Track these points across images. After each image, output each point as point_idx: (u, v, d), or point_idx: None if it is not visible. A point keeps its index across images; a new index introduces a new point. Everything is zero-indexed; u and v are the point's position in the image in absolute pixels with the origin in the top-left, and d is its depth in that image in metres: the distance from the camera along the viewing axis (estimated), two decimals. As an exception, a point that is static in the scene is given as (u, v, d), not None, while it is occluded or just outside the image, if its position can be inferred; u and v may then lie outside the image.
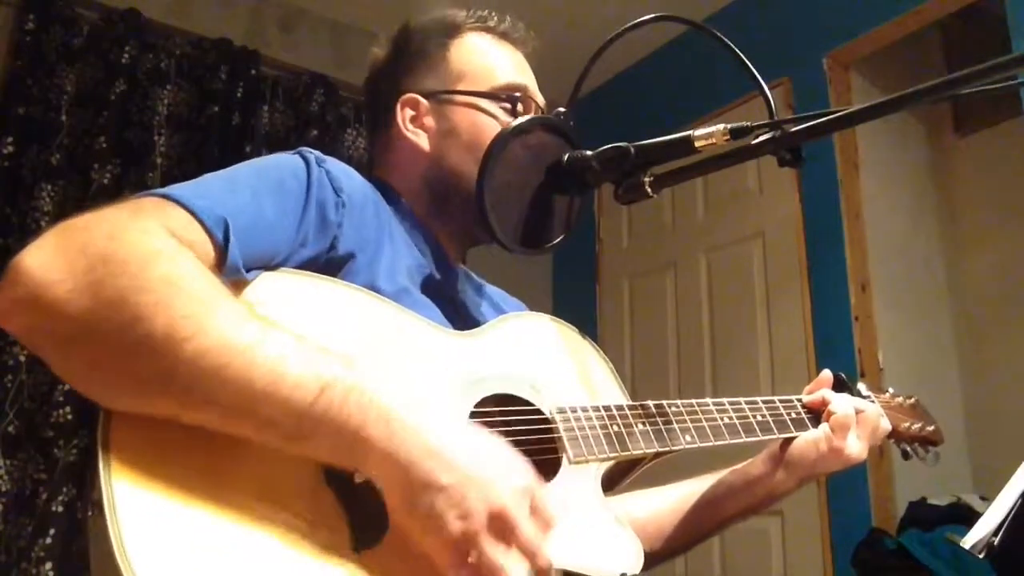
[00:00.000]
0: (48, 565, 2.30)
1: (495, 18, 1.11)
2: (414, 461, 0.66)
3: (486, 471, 0.68)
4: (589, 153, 0.95)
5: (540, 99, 1.10)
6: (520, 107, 1.05)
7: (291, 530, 0.67)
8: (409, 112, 1.07)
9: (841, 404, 1.07)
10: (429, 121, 1.06)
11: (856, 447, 1.06)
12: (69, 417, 2.45)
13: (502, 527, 0.67)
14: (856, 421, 1.07)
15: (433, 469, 0.66)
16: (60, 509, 2.37)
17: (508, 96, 1.05)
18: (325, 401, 0.66)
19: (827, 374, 1.16)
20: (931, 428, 1.22)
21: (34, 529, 2.34)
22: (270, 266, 0.81)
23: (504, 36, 1.11)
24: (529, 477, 0.71)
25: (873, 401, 1.16)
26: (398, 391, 0.70)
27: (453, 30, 1.10)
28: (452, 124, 1.05)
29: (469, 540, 0.66)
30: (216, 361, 0.65)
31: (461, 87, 1.06)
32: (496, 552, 0.66)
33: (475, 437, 0.72)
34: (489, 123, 1.04)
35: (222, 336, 0.65)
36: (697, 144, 0.88)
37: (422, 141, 1.06)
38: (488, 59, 1.08)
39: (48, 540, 2.33)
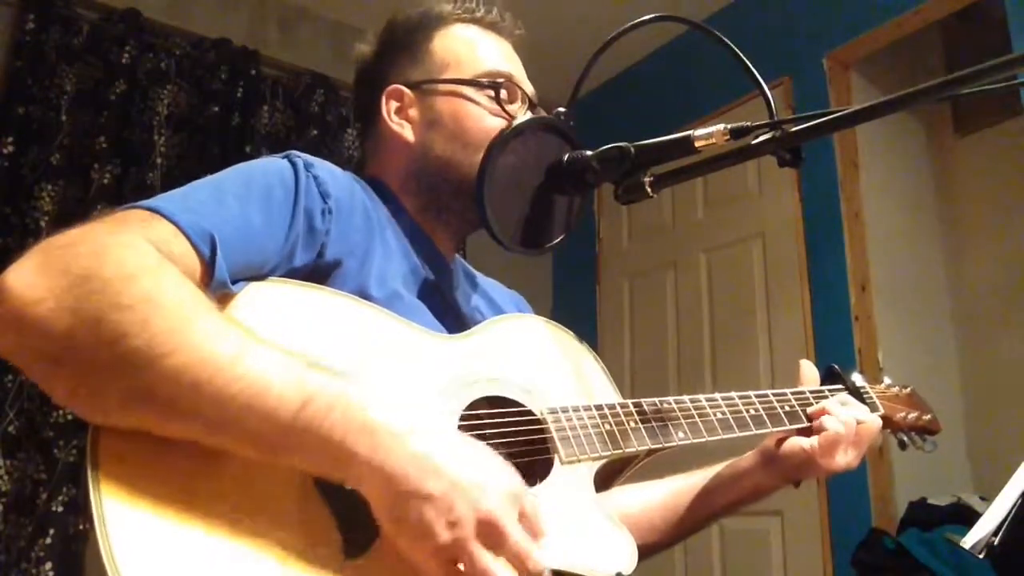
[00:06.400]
0: (48, 565, 2.30)
1: (481, 8, 1.10)
2: (400, 471, 0.65)
3: (474, 478, 0.67)
4: (589, 153, 0.95)
5: (528, 88, 1.08)
6: (504, 94, 1.04)
7: (281, 539, 0.67)
8: (394, 104, 1.06)
9: (833, 422, 1.03)
10: (413, 112, 1.06)
11: (843, 461, 1.03)
12: (69, 417, 2.44)
13: (491, 533, 0.66)
14: (847, 439, 1.03)
15: (420, 478, 0.65)
16: (60, 509, 2.37)
17: (491, 83, 1.04)
18: (308, 414, 0.66)
19: (812, 370, 1.14)
20: (928, 417, 1.21)
21: (34, 529, 2.34)
22: (258, 275, 0.81)
23: (490, 26, 1.10)
24: (517, 482, 0.71)
25: (869, 392, 1.16)
26: (384, 400, 0.70)
27: (438, 21, 1.09)
28: (436, 113, 1.04)
29: (459, 548, 0.65)
30: (197, 376, 0.64)
31: (444, 76, 1.05)
32: (486, 559, 0.65)
33: (461, 443, 0.71)
34: (472, 110, 1.03)
35: (203, 351, 0.65)
36: (697, 144, 0.87)
37: (407, 132, 1.05)
38: (472, 47, 1.07)
39: (48, 540, 2.32)
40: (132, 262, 0.67)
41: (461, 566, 0.66)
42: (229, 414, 0.65)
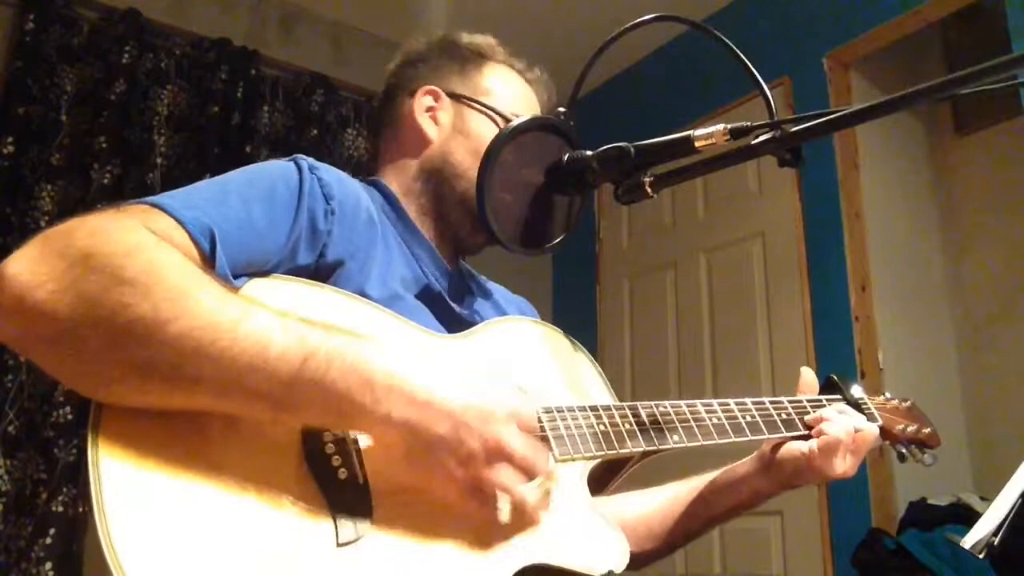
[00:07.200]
0: (48, 565, 2.30)
1: (525, 63, 1.18)
2: (405, 419, 0.70)
3: (474, 409, 0.73)
4: (589, 153, 0.95)
5: None
6: None
7: (277, 522, 0.68)
8: (429, 100, 1.11)
9: (833, 427, 1.03)
10: (444, 116, 1.10)
11: (840, 468, 1.03)
12: (69, 417, 2.45)
13: (500, 455, 0.73)
14: (845, 445, 1.03)
15: (426, 423, 0.71)
16: (60, 509, 2.37)
17: None
18: (311, 368, 0.68)
19: (811, 377, 1.14)
20: (927, 431, 1.21)
21: (34, 529, 2.34)
22: (260, 273, 0.82)
23: (532, 82, 1.17)
24: (511, 400, 0.76)
25: (867, 403, 1.15)
26: (382, 349, 0.73)
27: (491, 54, 1.15)
28: (466, 126, 1.09)
29: (475, 476, 0.72)
30: (201, 340, 0.66)
31: (485, 101, 1.10)
32: (500, 477, 0.73)
33: (457, 379, 0.75)
34: None
35: (205, 315, 0.67)
36: (697, 144, 0.87)
37: (431, 130, 1.09)
38: (514, 91, 1.14)
39: (48, 540, 2.33)
40: (131, 240, 0.69)
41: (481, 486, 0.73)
42: (234, 375, 0.66)
